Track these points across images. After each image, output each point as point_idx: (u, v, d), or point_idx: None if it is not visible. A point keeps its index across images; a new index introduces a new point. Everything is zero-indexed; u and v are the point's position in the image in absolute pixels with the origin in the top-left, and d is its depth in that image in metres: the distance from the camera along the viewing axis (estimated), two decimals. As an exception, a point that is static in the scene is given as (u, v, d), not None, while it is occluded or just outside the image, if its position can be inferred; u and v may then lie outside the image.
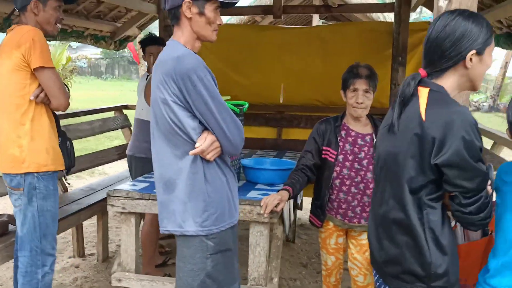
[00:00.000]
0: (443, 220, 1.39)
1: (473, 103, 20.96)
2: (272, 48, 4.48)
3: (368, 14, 6.66)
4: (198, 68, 1.65)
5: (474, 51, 1.38)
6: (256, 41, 4.51)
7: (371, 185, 2.26)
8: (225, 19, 7.57)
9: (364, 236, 2.29)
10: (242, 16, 6.49)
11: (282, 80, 4.50)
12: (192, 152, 1.68)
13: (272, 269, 2.37)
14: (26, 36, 2.16)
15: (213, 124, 1.69)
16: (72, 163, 2.52)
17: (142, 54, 3.60)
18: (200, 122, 1.70)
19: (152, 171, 2.88)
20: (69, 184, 3.77)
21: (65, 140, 2.48)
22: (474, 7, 1.57)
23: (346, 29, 4.37)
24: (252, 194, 2.36)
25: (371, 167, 2.26)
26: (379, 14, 6.80)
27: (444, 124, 1.31)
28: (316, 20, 7.24)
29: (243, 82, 4.65)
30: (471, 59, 1.38)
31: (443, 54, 1.40)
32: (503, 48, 4.03)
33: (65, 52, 13.35)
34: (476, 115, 15.25)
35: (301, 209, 4.57)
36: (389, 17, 6.42)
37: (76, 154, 2.62)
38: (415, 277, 1.39)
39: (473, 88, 1.46)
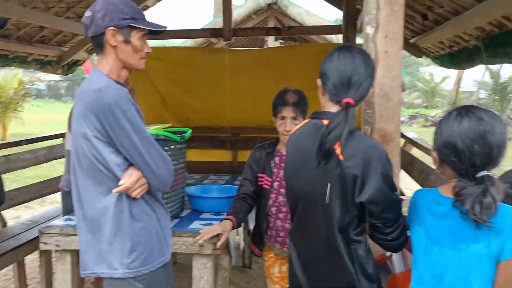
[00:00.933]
0: (368, 252, 1.43)
1: (430, 118, 21.69)
2: (224, 71, 4.45)
3: (322, 36, 6.78)
4: (120, 101, 1.55)
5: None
6: (208, 64, 4.48)
7: None
8: (180, 42, 7.54)
9: None
10: (197, 40, 6.48)
11: (236, 102, 4.47)
12: (115, 190, 1.57)
13: (219, 302, 2.28)
14: None
15: (139, 159, 1.59)
16: (2, 200, 2.38)
17: None
18: (124, 157, 1.59)
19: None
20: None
21: None
22: (400, 34, 1.57)
23: (297, 51, 4.40)
24: (195, 225, 2.27)
25: None
26: (333, 36, 6.94)
27: (362, 162, 1.34)
28: (272, 43, 7.30)
29: (196, 105, 4.59)
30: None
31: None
32: (447, 67, 4.15)
33: (19, 75, 12.89)
34: (432, 130, 15.69)
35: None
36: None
37: (28, 181, 2.47)
38: None
39: None
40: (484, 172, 1.24)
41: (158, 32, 1.72)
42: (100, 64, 1.68)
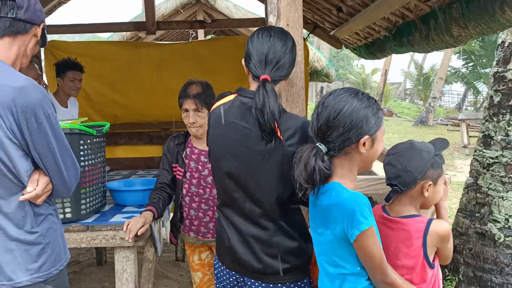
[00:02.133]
0: (302, 216, 1.58)
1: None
2: (150, 65, 4.40)
3: (251, 29, 6.87)
4: (45, 103, 1.45)
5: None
6: (132, 59, 4.40)
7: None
8: (106, 36, 7.33)
9: None
10: (124, 33, 6.32)
11: (163, 97, 4.43)
12: (23, 198, 1.47)
13: (144, 294, 2.28)
14: None
15: (52, 165, 1.50)
16: None
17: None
18: (32, 162, 1.50)
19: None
20: None
21: None
22: (300, 23, 1.66)
23: (221, 44, 4.43)
24: (116, 218, 2.25)
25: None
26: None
27: (300, 139, 1.48)
28: (202, 37, 7.29)
29: (123, 102, 4.51)
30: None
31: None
32: (364, 58, 4.38)
33: None
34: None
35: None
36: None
37: None
38: (293, 267, 1.55)
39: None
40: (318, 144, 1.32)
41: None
42: (2, 51, 1.51)
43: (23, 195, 1.47)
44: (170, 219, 2.49)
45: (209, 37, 8.47)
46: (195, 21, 4.50)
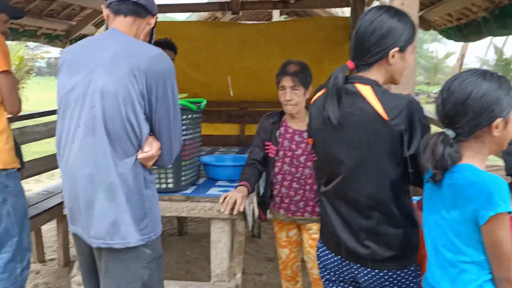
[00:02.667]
0: (410, 199, 1.53)
1: (433, 94, 21.65)
2: (231, 45, 4.47)
3: (327, 10, 6.76)
4: (172, 73, 1.60)
5: (397, 48, 1.46)
6: (214, 38, 4.49)
7: (309, 181, 2.30)
8: (185, 16, 7.51)
9: (315, 230, 2.32)
10: (202, 13, 6.45)
11: (243, 76, 4.50)
12: (141, 155, 1.58)
13: (235, 265, 2.37)
14: None
15: (165, 132, 1.62)
16: (22, 166, 2.54)
17: None
18: (150, 127, 1.62)
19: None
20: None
21: (15, 143, 2.48)
22: (416, 2, 1.62)
23: (302, 25, 4.41)
24: (213, 191, 2.35)
25: (308, 163, 2.29)
26: (338, 10, 6.91)
27: (407, 116, 1.40)
28: (277, 16, 7.27)
29: (203, 80, 4.63)
30: (393, 56, 1.47)
31: (368, 49, 1.47)
32: (454, 40, 4.18)
33: (20, 52, 12.83)
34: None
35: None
36: (348, 12, 6.53)
37: (36, 157, 2.60)
38: (399, 254, 1.50)
39: (394, 82, 1.56)
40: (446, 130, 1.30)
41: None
42: (121, 27, 1.66)
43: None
44: (261, 195, 2.55)
45: (282, 17, 8.44)
46: (279, 1, 4.48)
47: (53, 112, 4.63)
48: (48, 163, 3.96)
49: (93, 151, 1.57)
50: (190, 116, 2.33)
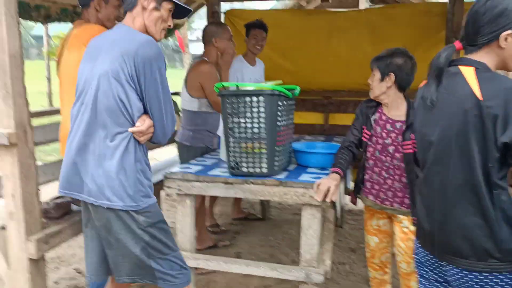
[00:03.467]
0: (510, 198, 1.39)
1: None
2: (319, 33, 4.44)
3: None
4: (159, 57, 1.80)
5: (510, 31, 1.37)
6: (302, 26, 4.48)
7: (398, 172, 2.25)
8: (271, 5, 7.55)
9: (407, 223, 2.27)
10: (287, 2, 6.46)
11: (329, 65, 4.46)
12: (131, 129, 1.81)
13: (324, 251, 2.40)
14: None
15: (156, 111, 1.83)
16: None
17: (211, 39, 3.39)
18: (143, 105, 1.83)
19: (197, 157, 2.99)
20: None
21: None
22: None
23: (396, 12, 4.25)
24: (305, 177, 2.38)
25: (397, 154, 2.24)
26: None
27: (504, 101, 1.31)
28: (363, 3, 7.06)
29: (290, 68, 4.65)
30: (506, 39, 1.38)
31: (479, 29, 1.41)
32: None
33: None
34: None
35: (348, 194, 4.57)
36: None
37: None
38: (488, 254, 1.39)
39: (507, 68, 1.46)
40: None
41: (184, 12, 1.94)
42: (126, 22, 1.90)
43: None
44: (354, 179, 2.54)
45: (367, 4, 8.18)
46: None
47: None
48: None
49: (89, 124, 1.85)
50: (285, 102, 2.37)
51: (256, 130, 2.28)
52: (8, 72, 2.26)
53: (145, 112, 1.87)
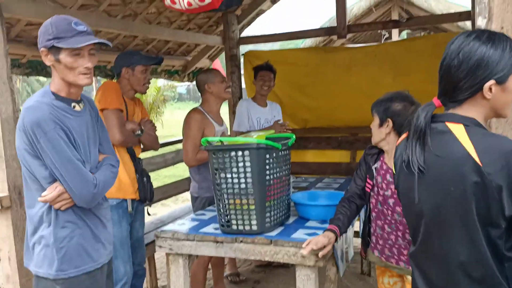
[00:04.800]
0: None
1: None
2: (339, 69, 4.35)
3: (455, 24, 6.14)
4: (42, 121, 1.67)
5: (493, 81, 1.20)
6: (322, 63, 4.42)
7: (400, 227, 2.04)
8: (299, 43, 7.54)
9: None
10: (315, 39, 6.40)
11: (352, 101, 4.32)
12: (39, 199, 1.74)
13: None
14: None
15: (59, 177, 1.73)
16: (148, 196, 2.82)
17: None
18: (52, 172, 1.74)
19: (205, 207, 2.91)
20: (149, 214, 3.90)
21: (142, 176, 2.79)
22: (519, 24, 1.32)
23: (417, 43, 4.07)
24: (299, 234, 2.22)
25: (397, 208, 2.02)
26: (467, 22, 6.25)
27: (507, 168, 1.13)
28: (396, 35, 6.85)
29: (312, 106, 4.57)
30: (490, 89, 1.21)
31: (456, 85, 1.24)
32: None
33: (156, 83, 14.28)
34: None
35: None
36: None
37: (166, 180, 2.82)
38: None
39: (501, 116, 1.28)
40: None
41: (103, 44, 1.79)
42: (51, 81, 1.83)
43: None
44: (361, 230, 2.35)
45: (404, 33, 7.96)
46: (388, 21, 4.22)
47: (170, 143, 4.97)
48: (162, 192, 4.23)
49: (24, 193, 1.88)
50: (275, 154, 2.25)
51: (243, 186, 2.18)
52: (0, 137, 2.33)
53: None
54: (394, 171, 1.45)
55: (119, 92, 2.69)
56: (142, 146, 2.92)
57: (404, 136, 1.44)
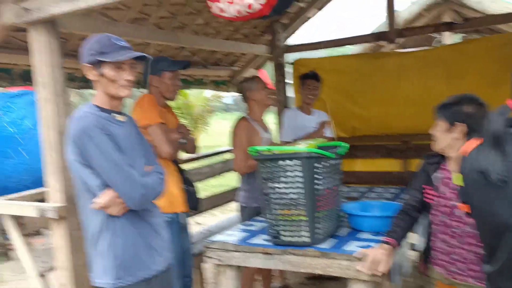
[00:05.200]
0: None
1: None
2: (388, 76, 4.21)
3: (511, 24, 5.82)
4: (87, 129, 1.74)
5: None
6: (371, 70, 4.30)
7: (471, 240, 1.89)
8: (345, 51, 7.40)
9: None
10: (365, 45, 6.25)
11: (403, 107, 4.17)
12: (91, 206, 1.78)
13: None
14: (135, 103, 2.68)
15: (107, 180, 1.77)
16: (194, 206, 2.85)
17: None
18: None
19: (253, 217, 2.87)
20: (199, 223, 3.90)
21: (188, 186, 2.81)
22: None
23: (471, 46, 3.86)
24: (351, 246, 2.13)
25: (468, 218, 1.87)
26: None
27: None
28: (449, 38, 6.57)
29: (361, 113, 4.45)
30: None
31: None
32: None
33: (203, 94, 14.53)
34: None
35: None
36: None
37: (213, 190, 2.86)
38: None
39: None
40: None
41: (144, 58, 1.85)
42: (94, 96, 1.90)
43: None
44: (420, 244, 2.22)
45: (458, 37, 7.63)
46: (440, 24, 4.04)
47: (217, 153, 4.99)
48: (211, 203, 4.24)
49: (79, 205, 1.91)
50: (325, 164, 2.17)
51: (293, 196, 2.12)
52: (55, 149, 2.40)
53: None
54: (459, 183, 1.35)
55: (156, 104, 2.64)
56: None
57: (473, 143, 1.33)
